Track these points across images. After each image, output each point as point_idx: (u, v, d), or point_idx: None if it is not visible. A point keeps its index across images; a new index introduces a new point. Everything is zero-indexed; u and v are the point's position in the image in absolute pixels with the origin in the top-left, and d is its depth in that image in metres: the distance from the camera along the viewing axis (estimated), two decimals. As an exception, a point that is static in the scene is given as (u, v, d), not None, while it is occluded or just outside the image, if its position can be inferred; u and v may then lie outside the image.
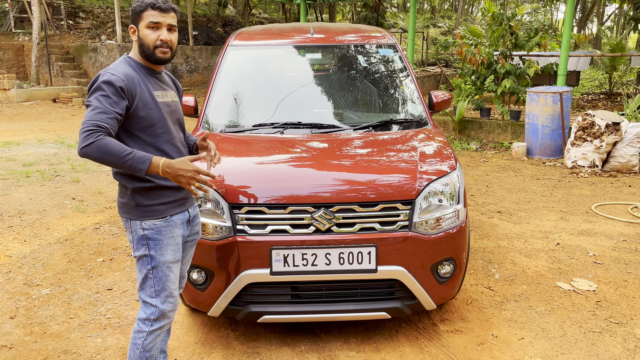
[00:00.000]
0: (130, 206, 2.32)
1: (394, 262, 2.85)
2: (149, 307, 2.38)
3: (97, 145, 2.05)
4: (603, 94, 16.20)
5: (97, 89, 2.17)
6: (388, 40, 4.32)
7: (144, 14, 2.28)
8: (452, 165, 3.17)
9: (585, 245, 4.67)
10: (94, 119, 2.10)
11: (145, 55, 2.32)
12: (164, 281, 2.37)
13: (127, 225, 2.37)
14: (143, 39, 2.29)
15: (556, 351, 3.04)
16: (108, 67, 2.27)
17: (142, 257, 2.35)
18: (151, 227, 2.32)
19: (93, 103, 2.14)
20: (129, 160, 2.08)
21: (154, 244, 2.33)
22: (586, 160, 7.43)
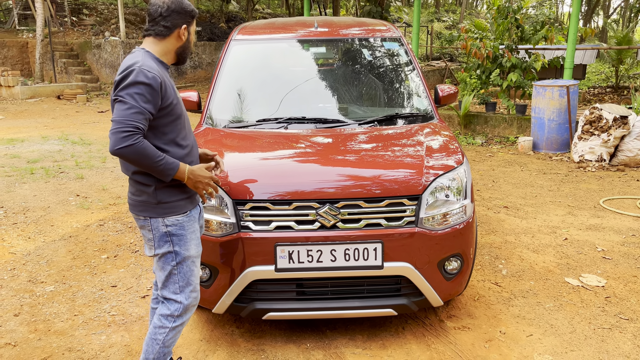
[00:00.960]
0: (151, 204, 2.30)
1: (400, 258, 2.81)
2: (173, 304, 2.38)
3: (136, 149, 2.08)
4: (610, 87, 16.07)
5: (132, 84, 2.11)
6: (393, 34, 4.26)
7: (195, 19, 2.35)
8: (459, 160, 3.13)
9: (594, 240, 4.61)
10: (132, 119, 2.08)
11: (184, 54, 2.36)
12: (188, 276, 2.38)
13: (146, 223, 2.34)
14: (189, 43, 2.36)
15: (565, 348, 3.00)
16: (137, 62, 2.18)
17: (166, 254, 2.34)
18: (174, 223, 2.32)
19: (128, 100, 2.10)
20: (161, 165, 2.16)
21: (178, 239, 2.34)
22: (593, 155, 7.36)
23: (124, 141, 2.06)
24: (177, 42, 2.32)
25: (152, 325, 2.42)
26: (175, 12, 2.28)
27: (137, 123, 2.09)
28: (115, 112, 2.12)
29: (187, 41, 2.35)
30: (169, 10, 2.27)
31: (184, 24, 2.30)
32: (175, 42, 2.32)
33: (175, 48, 2.34)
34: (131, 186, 2.35)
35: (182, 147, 2.35)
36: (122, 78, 2.14)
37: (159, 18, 2.27)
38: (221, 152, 3.14)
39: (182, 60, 2.41)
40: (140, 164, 2.14)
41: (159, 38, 2.29)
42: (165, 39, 2.29)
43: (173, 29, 2.29)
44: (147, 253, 2.42)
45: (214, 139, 3.41)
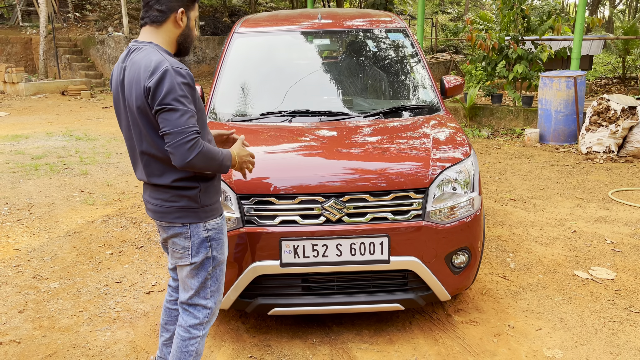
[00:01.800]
0: (193, 208, 2.13)
1: (407, 252, 2.77)
2: (202, 310, 2.26)
3: (203, 154, 1.96)
4: (616, 78, 15.91)
5: (174, 89, 1.92)
6: (398, 25, 4.20)
7: (195, 4, 2.14)
8: (466, 152, 3.08)
9: (603, 232, 4.55)
10: (190, 125, 1.93)
11: (185, 44, 2.15)
12: (220, 280, 2.29)
13: (184, 230, 2.15)
14: (191, 30, 2.15)
15: (575, 342, 2.96)
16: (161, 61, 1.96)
17: (203, 261, 2.20)
18: (214, 226, 2.20)
19: (177, 107, 1.92)
20: (223, 160, 2.07)
21: (217, 243, 2.22)
22: (601, 146, 7.27)
23: (192, 151, 1.92)
24: (176, 28, 2.10)
25: (179, 338, 2.26)
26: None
27: (195, 127, 1.95)
28: (168, 122, 1.92)
29: (187, 28, 2.12)
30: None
31: (181, 8, 2.07)
32: (174, 29, 2.09)
33: (176, 36, 2.11)
34: (163, 193, 2.13)
35: (209, 141, 2.20)
36: (157, 84, 1.92)
37: (153, 2, 2.06)
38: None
39: (185, 51, 2.18)
40: (208, 167, 2.02)
41: (156, 25, 2.07)
42: (162, 25, 2.07)
43: (169, 13, 2.06)
44: (177, 262, 2.22)
45: (217, 133, 3.36)
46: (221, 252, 2.26)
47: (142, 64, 1.99)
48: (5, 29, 19.09)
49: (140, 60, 2.01)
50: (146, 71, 1.95)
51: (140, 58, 2.01)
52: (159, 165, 2.10)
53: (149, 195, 2.20)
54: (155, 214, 2.18)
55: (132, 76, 2.01)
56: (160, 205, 2.15)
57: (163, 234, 2.22)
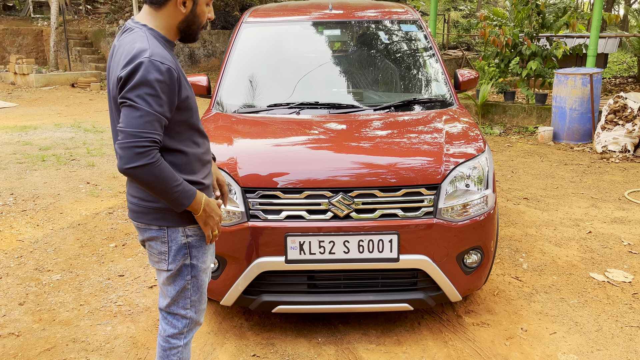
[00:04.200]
0: (172, 211, 1.89)
1: (417, 250, 2.67)
2: (182, 320, 2.06)
3: (152, 170, 1.69)
4: (632, 77, 15.63)
5: (143, 83, 1.68)
6: (411, 16, 4.08)
7: None
8: (480, 148, 2.96)
9: (619, 233, 4.41)
10: (148, 130, 1.68)
11: (189, 31, 1.90)
12: (201, 289, 2.06)
13: (161, 234, 1.93)
14: (199, 15, 1.88)
15: (591, 347, 2.84)
16: (144, 49, 1.72)
17: (181, 268, 1.98)
18: (196, 232, 1.97)
19: (140, 105, 1.68)
20: (177, 192, 1.77)
21: (197, 251, 1.99)
22: (617, 145, 7.10)
23: (139, 159, 1.67)
24: (177, 13, 1.84)
25: (160, 347, 2.09)
26: None
27: (154, 135, 1.69)
28: (125, 119, 1.69)
29: (191, 13, 1.85)
30: None
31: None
32: (175, 14, 1.84)
33: (177, 22, 1.86)
34: (141, 190, 1.90)
35: (199, 145, 1.96)
36: (129, 74, 1.69)
37: None
38: (230, 138, 3.01)
39: (189, 38, 1.93)
40: (152, 188, 1.75)
41: (154, 7, 1.83)
42: (160, 8, 1.82)
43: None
44: (155, 266, 2.03)
45: (223, 124, 3.28)
46: (202, 260, 2.02)
47: (125, 49, 1.77)
48: (16, 20, 19.15)
49: (125, 44, 1.80)
50: (124, 59, 1.74)
51: (127, 42, 1.80)
52: None
53: (128, 193, 1.99)
54: (132, 213, 1.97)
55: (115, 61, 1.81)
56: (137, 204, 1.93)
57: (140, 236, 2.02)
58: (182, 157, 1.89)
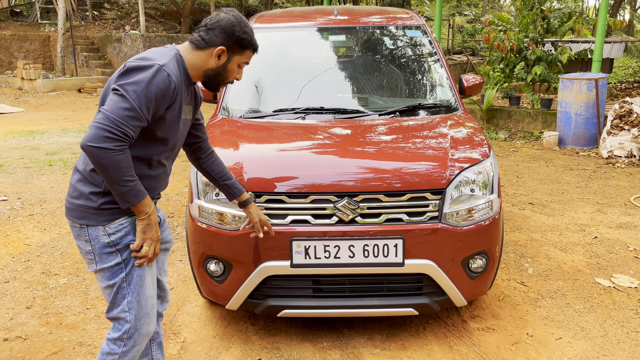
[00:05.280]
0: (90, 209, 1.91)
1: (422, 255, 2.67)
2: (123, 323, 2.00)
3: (112, 156, 1.73)
4: (637, 82, 15.57)
5: (144, 82, 1.78)
6: (416, 22, 4.09)
7: (246, 51, 2.02)
8: (485, 153, 2.97)
9: (625, 239, 4.40)
10: (126, 123, 1.74)
11: (214, 80, 2.03)
12: (139, 290, 1.99)
13: (82, 232, 1.94)
14: (229, 71, 2.03)
15: (597, 352, 2.83)
16: (161, 59, 1.85)
17: (112, 267, 1.96)
18: (118, 229, 1.93)
19: (130, 98, 1.76)
20: (128, 186, 1.80)
21: (126, 248, 1.95)
22: (623, 150, 7.08)
23: (104, 142, 1.71)
24: (210, 61, 1.98)
25: (100, 350, 2.04)
26: (222, 29, 1.95)
27: (129, 130, 1.76)
28: (110, 103, 1.76)
29: (222, 66, 2.00)
30: (216, 24, 1.96)
31: (223, 46, 1.96)
32: (207, 61, 1.98)
33: (206, 68, 2.00)
34: (72, 185, 1.96)
35: (151, 169, 2.00)
36: (136, 68, 1.81)
37: (203, 27, 1.99)
38: (236, 143, 3.04)
39: (210, 85, 2.06)
40: (105, 173, 1.76)
41: (193, 46, 1.98)
42: (198, 50, 1.98)
43: (208, 45, 1.96)
44: (89, 269, 2.01)
45: (229, 129, 3.30)
46: (134, 258, 1.97)
47: (148, 54, 1.89)
48: (24, 26, 19.31)
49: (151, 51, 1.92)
50: (141, 56, 1.87)
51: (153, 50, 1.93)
52: None
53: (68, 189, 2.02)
54: (65, 210, 2.00)
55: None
56: (67, 200, 1.98)
57: None
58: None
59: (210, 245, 2.78)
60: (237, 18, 1.99)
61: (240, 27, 1.98)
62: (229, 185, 2.39)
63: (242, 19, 2.01)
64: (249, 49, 2.03)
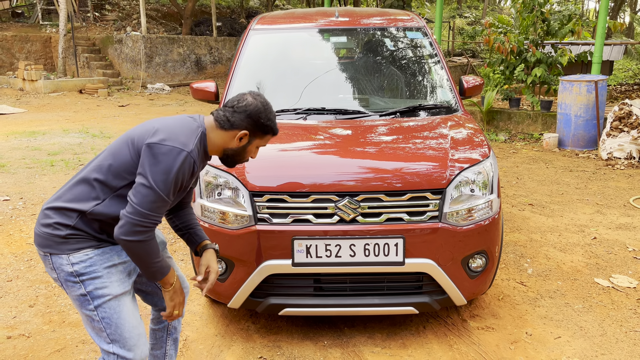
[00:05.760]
0: (56, 237, 1.90)
1: (422, 254, 2.70)
2: (109, 355, 1.97)
3: (144, 246, 1.86)
4: (637, 84, 15.62)
5: (171, 171, 1.83)
6: (417, 23, 4.13)
7: (267, 136, 2.08)
8: (485, 153, 3.00)
9: (624, 239, 4.42)
10: (157, 213, 1.85)
11: (231, 159, 2.09)
12: (116, 321, 1.95)
13: (47, 260, 1.94)
14: (247, 152, 2.09)
15: (596, 351, 2.85)
16: (187, 138, 1.90)
17: (79, 297, 1.94)
18: (82, 259, 1.92)
19: (160, 189, 1.82)
20: (156, 265, 1.93)
21: (92, 280, 1.93)
22: (622, 152, 7.11)
23: (138, 235, 1.83)
24: (231, 142, 2.03)
25: None
26: (248, 115, 1.99)
27: (159, 218, 1.87)
28: (140, 197, 1.82)
29: (241, 148, 2.06)
30: (243, 108, 2.00)
31: (246, 131, 2.01)
32: (229, 141, 2.03)
33: (226, 147, 2.04)
34: (43, 212, 1.95)
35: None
36: (165, 153, 1.84)
37: (230, 108, 2.02)
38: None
39: (226, 161, 2.12)
40: (137, 259, 1.88)
41: (217, 125, 2.01)
42: (221, 130, 2.01)
43: (233, 127, 2.00)
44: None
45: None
46: (104, 288, 1.93)
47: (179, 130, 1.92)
48: (25, 27, 19.36)
49: (181, 123, 1.96)
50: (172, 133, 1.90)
51: (183, 124, 1.96)
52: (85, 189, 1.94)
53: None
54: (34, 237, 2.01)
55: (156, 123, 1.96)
56: (35, 227, 1.99)
57: None
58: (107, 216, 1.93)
59: (212, 244, 2.80)
60: (264, 105, 2.02)
61: (266, 115, 2.02)
62: (192, 233, 2.30)
63: (267, 105, 2.04)
64: (270, 134, 2.09)
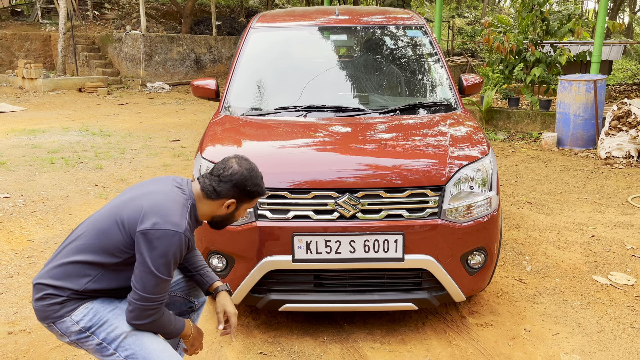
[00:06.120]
0: (53, 305, 1.91)
1: (421, 250, 2.72)
2: None
3: (156, 322, 1.93)
4: (636, 84, 15.65)
5: (169, 252, 1.85)
6: (417, 22, 4.14)
7: (255, 199, 2.10)
8: (484, 151, 3.01)
9: (622, 238, 4.44)
10: (161, 293, 1.89)
11: (220, 224, 2.14)
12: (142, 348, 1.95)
13: (53, 330, 1.96)
14: (235, 217, 2.12)
15: (593, 347, 2.87)
16: (178, 217, 1.90)
17: (99, 349, 1.95)
18: (85, 314, 1.94)
19: (162, 274, 1.85)
20: (172, 330, 2.02)
21: (99, 327, 1.94)
22: (621, 151, 7.13)
23: (149, 317, 1.90)
24: (219, 210, 2.05)
25: None
26: (234, 184, 2.00)
27: (163, 298, 1.91)
28: (143, 283, 1.84)
29: (230, 214, 2.09)
30: (229, 178, 2.00)
31: (233, 199, 2.03)
32: (217, 209, 2.05)
33: (215, 214, 2.08)
34: (36, 289, 1.94)
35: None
36: (160, 237, 1.84)
37: (216, 177, 2.02)
38: (239, 140, 3.08)
39: (215, 226, 2.16)
40: (156, 331, 1.98)
41: (204, 195, 2.03)
42: (209, 200, 2.03)
43: (220, 197, 2.02)
44: None
45: (231, 127, 3.34)
46: (113, 329, 1.95)
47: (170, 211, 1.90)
48: (24, 25, 19.35)
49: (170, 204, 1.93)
50: (164, 215, 1.88)
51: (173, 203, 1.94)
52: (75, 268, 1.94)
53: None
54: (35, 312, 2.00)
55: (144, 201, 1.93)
56: (34, 303, 1.96)
57: None
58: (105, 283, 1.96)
59: (213, 241, 2.82)
60: (249, 171, 2.04)
61: (252, 181, 2.04)
62: (201, 274, 2.29)
63: (253, 170, 2.05)
64: (257, 197, 2.11)
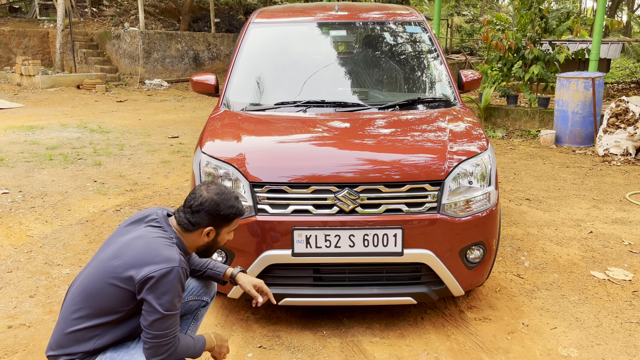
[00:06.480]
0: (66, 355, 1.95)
1: (421, 245, 2.73)
2: None
3: (174, 352, 1.96)
4: (634, 83, 15.67)
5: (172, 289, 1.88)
6: (416, 18, 4.15)
7: (233, 221, 2.12)
8: (483, 146, 3.02)
9: (620, 234, 4.46)
10: (173, 328, 1.93)
11: (207, 252, 2.17)
12: None
13: None
14: (219, 242, 2.14)
15: (591, 342, 2.89)
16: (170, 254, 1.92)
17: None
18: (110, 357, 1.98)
19: (169, 310, 1.88)
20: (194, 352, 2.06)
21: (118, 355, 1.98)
22: (619, 148, 7.15)
23: (164, 353, 1.93)
24: (199, 240, 2.08)
25: None
26: (207, 212, 2.03)
27: (176, 330, 1.95)
28: (153, 324, 1.88)
29: (212, 241, 2.12)
30: (200, 207, 2.02)
31: (211, 226, 2.06)
32: (197, 240, 2.08)
33: (198, 245, 2.11)
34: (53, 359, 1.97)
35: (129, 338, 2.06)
36: (161, 277, 1.86)
37: (189, 209, 2.05)
38: (239, 135, 3.08)
39: (203, 254, 2.20)
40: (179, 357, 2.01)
41: (182, 229, 2.07)
42: (187, 233, 2.06)
43: (196, 228, 2.05)
44: None
45: (231, 122, 3.35)
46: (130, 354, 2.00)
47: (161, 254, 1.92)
48: (22, 22, 19.30)
49: (159, 248, 1.94)
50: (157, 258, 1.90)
51: (161, 246, 1.95)
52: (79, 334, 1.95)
53: None
54: None
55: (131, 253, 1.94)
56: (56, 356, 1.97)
57: None
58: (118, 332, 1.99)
59: (212, 235, 2.82)
60: (219, 195, 2.04)
61: (224, 205, 2.04)
62: (210, 268, 2.36)
63: (223, 194, 2.05)
64: (236, 218, 2.12)
